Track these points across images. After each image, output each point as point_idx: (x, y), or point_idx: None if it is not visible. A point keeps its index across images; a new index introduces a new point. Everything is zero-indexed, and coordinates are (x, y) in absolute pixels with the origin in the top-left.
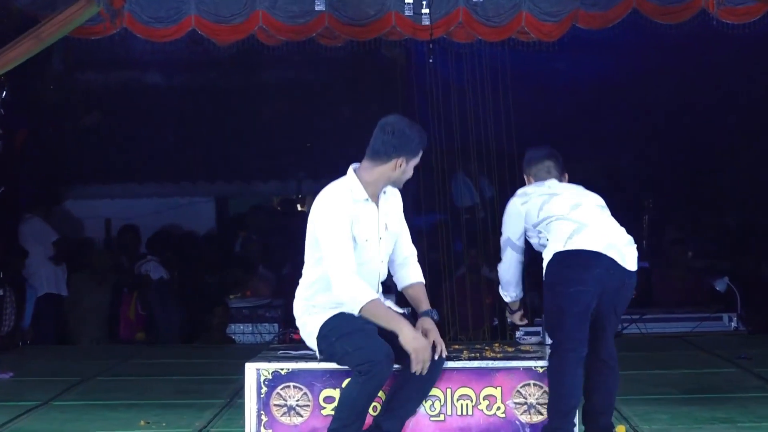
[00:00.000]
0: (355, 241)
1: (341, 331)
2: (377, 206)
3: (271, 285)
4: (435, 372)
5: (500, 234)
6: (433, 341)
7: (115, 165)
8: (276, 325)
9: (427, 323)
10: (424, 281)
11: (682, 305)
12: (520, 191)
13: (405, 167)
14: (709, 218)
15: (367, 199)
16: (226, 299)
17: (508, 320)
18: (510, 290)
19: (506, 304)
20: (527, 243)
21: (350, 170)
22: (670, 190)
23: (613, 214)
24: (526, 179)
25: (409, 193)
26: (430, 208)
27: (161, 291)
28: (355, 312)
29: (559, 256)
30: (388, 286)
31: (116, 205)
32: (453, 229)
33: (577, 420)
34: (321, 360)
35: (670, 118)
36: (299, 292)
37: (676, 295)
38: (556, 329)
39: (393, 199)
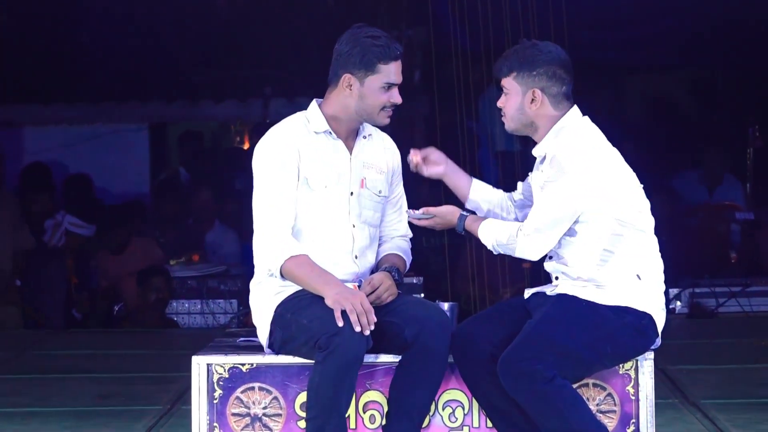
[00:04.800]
0: (308, 186)
1: (299, 305)
2: (350, 152)
3: (228, 246)
4: (437, 345)
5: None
6: (375, 285)
7: (10, 79)
8: (234, 302)
9: (376, 276)
10: (404, 258)
11: None
12: (587, 139)
13: (360, 88)
14: None
15: (330, 132)
16: (166, 265)
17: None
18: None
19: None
20: None
21: (313, 102)
22: None
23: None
24: (528, 96)
25: (421, 115)
26: (449, 137)
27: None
28: (277, 275)
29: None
30: None
31: (11, 135)
32: (481, 166)
33: None
34: (272, 353)
35: None
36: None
37: None
38: (579, 366)
39: (382, 151)
